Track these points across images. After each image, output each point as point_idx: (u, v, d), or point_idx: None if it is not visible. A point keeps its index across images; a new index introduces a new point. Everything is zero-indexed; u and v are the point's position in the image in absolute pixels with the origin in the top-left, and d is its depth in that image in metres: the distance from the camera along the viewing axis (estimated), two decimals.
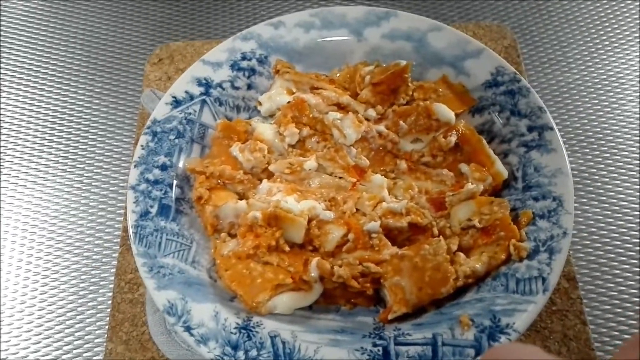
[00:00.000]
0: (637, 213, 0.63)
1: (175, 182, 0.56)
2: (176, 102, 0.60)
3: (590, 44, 0.76)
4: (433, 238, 0.53)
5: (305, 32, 0.65)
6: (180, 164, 0.57)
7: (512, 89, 0.59)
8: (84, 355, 0.57)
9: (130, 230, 0.52)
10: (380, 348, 0.48)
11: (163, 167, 0.56)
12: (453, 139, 0.57)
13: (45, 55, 0.77)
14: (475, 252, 0.52)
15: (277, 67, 0.63)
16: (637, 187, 0.65)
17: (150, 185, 0.55)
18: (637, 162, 0.66)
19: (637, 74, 0.73)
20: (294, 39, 0.64)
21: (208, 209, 0.55)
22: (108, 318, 0.57)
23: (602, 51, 0.75)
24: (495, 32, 0.74)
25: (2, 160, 0.68)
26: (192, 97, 0.60)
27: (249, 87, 0.63)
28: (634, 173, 0.66)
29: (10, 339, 0.58)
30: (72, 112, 0.72)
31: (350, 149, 0.59)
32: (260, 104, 0.63)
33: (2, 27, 0.79)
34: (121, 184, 0.66)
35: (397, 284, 0.51)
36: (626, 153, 0.67)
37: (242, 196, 0.57)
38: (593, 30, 0.77)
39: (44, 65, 0.76)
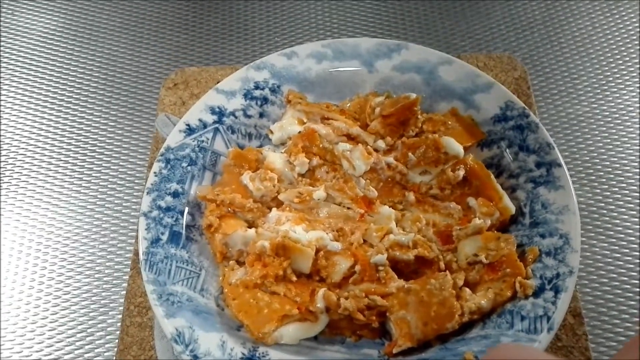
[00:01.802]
0: None
1: (186, 209, 0.57)
2: (190, 130, 0.61)
3: (601, 76, 0.76)
4: (439, 272, 0.53)
5: (317, 62, 0.66)
6: (192, 191, 0.58)
7: (521, 124, 0.60)
8: None
9: (141, 257, 0.53)
10: None
11: (175, 195, 0.57)
12: (461, 172, 0.57)
13: (63, 76, 0.78)
14: (481, 287, 0.53)
15: (289, 97, 0.64)
16: None
17: (162, 212, 0.56)
18: None
19: None
20: (306, 69, 0.66)
21: (218, 236, 0.55)
22: (117, 341, 0.58)
23: (613, 83, 0.76)
24: (506, 63, 0.75)
25: (15, 180, 0.70)
26: (205, 125, 0.61)
27: (261, 115, 0.64)
28: None
29: (21, 358, 0.59)
30: (87, 134, 0.73)
31: (359, 179, 0.59)
32: (271, 132, 0.64)
33: (17, 48, 0.81)
34: (134, 207, 0.67)
35: (403, 318, 0.51)
36: (635, 188, 0.67)
37: (251, 224, 0.58)
38: (604, 63, 0.77)
39: (61, 87, 0.78)
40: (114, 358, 0.57)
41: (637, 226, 0.65)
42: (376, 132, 0.62)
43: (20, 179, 0.70)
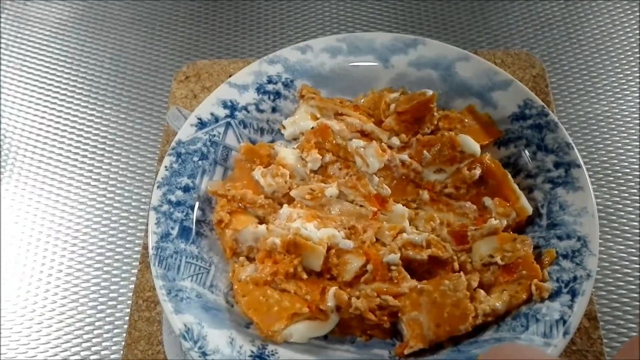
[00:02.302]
0: None
1: (197, 204, 0.57)
2: (201, 124, 0.60)
3: (621, 75, 0.75)
4: (453, 273, 0.52)
5: (331, 57, 0.65)
6: (203, 186, 0.58)
7: (540, 122, 0.58)
8: None
9: (151, 252, 0.53)
10: None
11: (186, 189, 0.57)
12: (477, 172, 0.56)
13: (74, 68, 0.78)
14: (496, 289, 0.52)
15: (302, 92, 0.63)
16: None
17: (172, 206, 0.55)
18: None
19: None
20: (320, 64, 0.65)
21: (228, 232, 0.55)
22: (124, 335, 0.58)
23: (633, 82, 0.74)
24: (524, 61, 0.73)
25: (25, 171, 0.70)
26: (217, 119, 0.61)
27: (274, 110, 0.63)
28: None
29: (28, 350, 0.59)
30: (98, 127, 0.73)
31: (373, 177, 0.58)
32: (284, 127, 0.63)
33: (30, 39, 0.81)
34: (143, 200, 0.67)
35: (415, 319, 0.50)
36: None
37: (262, 220, 0.57)
38: (624, 61, 0.76)
39: (72, 80, 0.77)
40: (122, 352, 0.57)
41: None
42: (390, 128, 0.61)
43: (30, 170, 0.70)
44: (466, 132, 0.59)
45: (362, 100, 0.64)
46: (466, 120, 0.61)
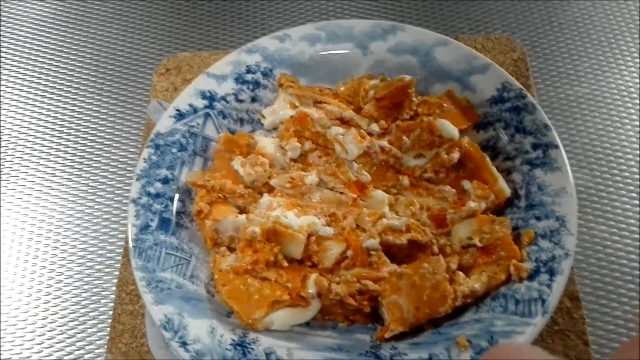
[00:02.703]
0: None
1: (176, 195, 0.57)
2: (180, 115, 0.60)
3: (602, 57, 0.75)
4: (432, 256, 0.52)
5: (310, 45, 0.65)
6: (182, 177, 0.58)
7: (518, 105, 0.58)
8: None
9: (130, 244, 0.53)
10: None
11: (165, 181, 0.57)
12: (456, 155, 0.56)
13: (55, 62, 0.78)
14: (475, 271, 0.52)
15: (280, 80, 0.63)
16: None
17: (152, 198, 0.55)
18: None
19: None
20: (299, 52, 0.64)
21: (208, 222, 0.55)
22: (108, 329, 0.58)
23: (614, 64, 0.74)
24: (505, 45, 0.73)
25: (7, 168, 0.69)
26: (195, 110, 0.60)
27: (253, 100, 0.63)
28: None
29: (13, 347, 0.59)
30: (79, 121, 0.73)
31: (352, 164, 0.58)
32: (263, 117, 0.63)
33: (9, 34, 0.81)
34: (126, 194, 0.67)
35: (395, 302, 0.50)
36: (635, 170, 0.66)
37: (242, 210, 0.57)
38: (605, 44, 0.76)
39: (53, 73, 0.77)
40: (106, 346, 0.57)
41: (637, 209, 0.63)
42: (370, 115, 0.61)
43: (11, 167, 0.69)
44: (445, 117, 0.59)
45: (341, 88, 0.64)
46: (445, 105, 0.61)
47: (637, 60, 0.74)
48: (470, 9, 0.79)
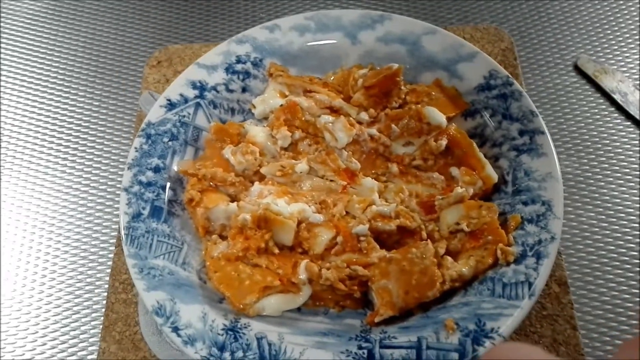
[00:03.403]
0: (633, 217, 0.63)
1: (168, 184, 0.57)
2: (171, 105, 0.60)
3: (589, 47, 0.75)
4: (421, 241, 0.53)
5: (300, 35, 0.65)
6: (174, 166, 0.58)
7: (505, 92, 0.59)
8: (78, 354, 0.58)
9: (122, 232, 0.53)
10: (366, 351, 0.49)
11: (156, 170, 0.57)
12: (444, 142, 0.57)
13: (48, 56, 0.78)
14: (462, 256, 0.53)
15: (270, 70, 0.64)
16: (634, 191, 0.64)
17: (143, 187, 0.56)
18: (636, 166, 0.66)
19: (637, 77, 0.72)
20: (288, 42, 0.65)
21: (199, 211, 0.55)
22: (102, 318, 0.58)
23: (601, 54, 0.75)
24: (493, 35, 0.74)
25: (1, 160, 0.70)
26: (186, 100, 0.61)
27: (244, 90, 0.64)
28: (630, 177, 0.65)
29: (7, 337, 0.59)
30: (72, 113, 0.73)
31: (342, 151, 0.59)
32: (254, 106, 0.63)
33: (3, 29, 0.81)
34: (118, 185, 0.67)
35: (385, 287, 0.51)
36: (622, 157, 0.67)
37: (234, 198, 0.58)
38: (592, 33, 0.76)
39: (46, 67, 0.77)
40: (100, 334, 0.58)
41: (625, 195, 0.64)
42: (359, 104, 0.62)
43: (5, 159, 0.70)
44: (433, 105, 0.60)
45: (331, 78, 0.65)
46: (433, 93, 0.61)
47: (624, 49, 0.74)
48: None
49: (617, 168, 0.66)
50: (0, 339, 0.59)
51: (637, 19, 0.77)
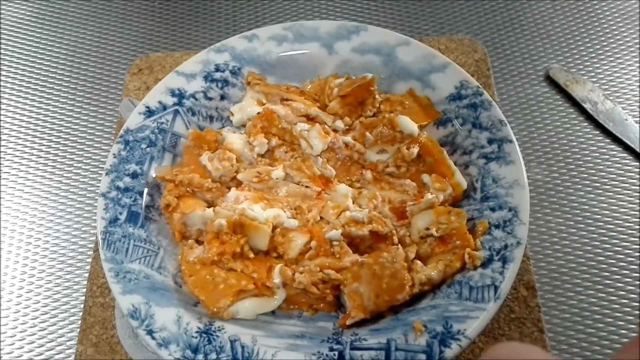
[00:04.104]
0: (599, 224, 0.65)
1: (145, 189, 0.58)
2: (149, 112, 0.61)
3: (561, 57, 0.78)
4: (392, 246, 0.54)
5: (278, 45, 0.67)
6: (151, 172, 0.59)
7: (475, 102, 0.61)
8: (56, 357, 0.59)
9: (99, 236, 0.54)
10: (337, 352, 0.50)
11: (134, 175, 0.58)
12: (415, 150, 0.59)
13: (29, 63, 0.79)
14: (432, 260, 0.54)
15: (248, 78, 0.65)
16: (602, 198, 0.66)
17: (121, 192, 0.57)
18: (604, 173, 0.68)
19: (607, 86, 0.74)
20: (266, 52, 0.67)
21: (176, 216, 0.56)
22: (79, 321, 0.59)
23: (572, 64, 0.77)
24: (467, 46, 0.76)
25: None
26: (165, 107, 0.62)
27: (222, 97, 0.65)
28: (598, 185, 0.67)
29: None
30: (53, 119, 0.74)
31: (317, 158, 0.60)
32: (232, 114, 0.65)
33: None
34: (97, 190, 0.68)
35: (356, 290, 0.52)
36: (591, 165, 0.69)
37: (210, 204, 0.59)
38: (564, 44, 0.79)
39: (28, 72, 0.78)
40: (77, 337, 0.58)
41: (593, 202, 0.66)
42: (335, 112, 0.63)
43: None
44: (407, 114, 0.61)
45: (308, 87, 0.67)
46: (407, 102, 0.63)
47: (595, 60, 0.77)
48: (435, 11, 0.82)
49: (585, 175, 0.68)
50: None
51: (607, 30, 0.80)
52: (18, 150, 0.72)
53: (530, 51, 0.78)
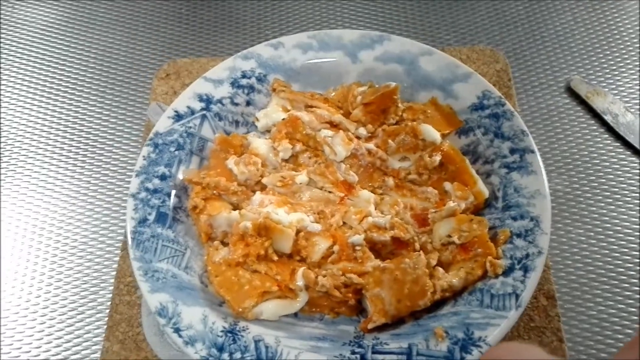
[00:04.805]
0: (620, 235, 0.65)
1: (173, 191, 0.60)
2: (178, 116, 0.63)
3: (582, 69, 0.78)
4: (414, 252, 0.55)
5: (303, 53, 0.68)
6: (179, 175, 0.61)
7: (497, 112, 0.62)
8: (82, 352, 0.60)
9: (129, 236, 0.56)
10: (358, 356, 0.51)
11: (162, 177, 0.60)
12: (438, 158, 0.60)
13: (59, 67, 0.81)
14: (453, 267, 0.55)
15: (274, 85, 0.66)
16: (622, 209, 0.67)
17: (150, 194, 0.58)
18: (624, 185, 0.68)
19: (628, 99, 0.75)
20: (292, 59, 0.68)
21: (203, 218, 0.58)
22: (106, 318, 0.61)
23: (594, 76, 0.77)
24: (489, 56, 0.77)
25: (13, 165, 0.73)
26: (193, 112, 0.64)
27: (248, 103, 0.67)
28: (619, 196, 0.68)
29: (14, 334, 0.61)
30: (82, 122, 0.76)
31: (340, 164, 0.62)
32: (257, 119, 0.66)
33: (15, 39, 0.84)
34: (125, 192, 0.70)
35: (378, 295, 0.53)
36: (611, 177, 0.69)
37: (236, 207, 0.60)
38: (585, 56, 0.79)
39: (57, 76, 0.80)
40: (104, 334, 0.60)
41: (614, 213, 0.66)
42: (358, 119, 0.64)
43: (17, 164, 0.73)
44: (429, 123, 0.62)
45: (332, 94, 0.68)
46: (429, 111, 0.64)
47: (616, 72, 0.77)
48: (456, 21, 0.83)
49: (606, 187, 0.69)
50: (6, 335, 0.61)
51: (628, 42, 0.80)
52: (48, 151, 0.74)
53: (551, 62, 0.79)
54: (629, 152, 0.71)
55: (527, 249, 0.54)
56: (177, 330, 0.51)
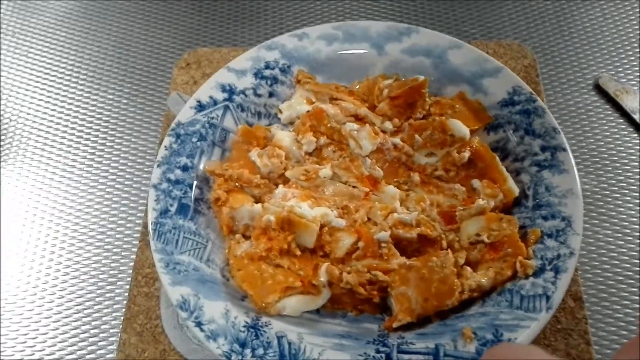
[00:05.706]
0: None
1: (195, 182, 0.59)
2: (200, 107, 0.62)
3: (610, 66, 0.76)
4: (441, 251, 0.54)
5: (327, 44, 0.67)
6: (201, 166, 0.60)
7: (528, 108, 0.60)
8: (99, 344, 0.59)
9: (150, 227, 0.55)
10: (383, 355, 0.49)
11: (184, 168, 0.59)
12: (466, 154, 0.58)
13: (79, 56, 0.80)
14: (482, 266, 0.53)
15: (298, 77, 0.65)
16: None
17: (171, 184, 0.57)
18: None
19: None
20: (316, 51, 0.67)
21: (225, 210, 0.57)
22: (124, 310, 0.60)
23: (622, 74, 0.76)
24: (516, 51, 0.75)
25: (33, 154, 0.72)
26: (215, 102, 0.63)
27: (271, 95, 0.65)
28: None
29: (30, 324, 0.61)
30: (101, 111, 0.75)
31: (365, 159, 0.60)
32: (280, 111, 0.65)
33: (36, 28, 0.83)
34: (144, 182, 0.69)
35: (404, 293, 0.52)
36: (638, 177, 0.67)
37: (258, 199, 0.59)
38: (614, 53, 0.77)
39: (77, 66, 0.79)
40: (121, 326, 0.59)
41: None
42: (384, 113, 0.63)
43: (34, 152, 0.72)
44: (457, 118, 0.61)
45: (357, 87, 0.66)
46: (457, 106, 0.62)
47: None
48: (482, 15, 0.81)
49: (635, 187, 0.67)
50: (22, 325, 0.60)
51: None
52: (66, 139, 0.73)
53: (579, 59, 0.77)
54: None
55: (558, 249, 0.52)
56: (198, 324, 0.50)
